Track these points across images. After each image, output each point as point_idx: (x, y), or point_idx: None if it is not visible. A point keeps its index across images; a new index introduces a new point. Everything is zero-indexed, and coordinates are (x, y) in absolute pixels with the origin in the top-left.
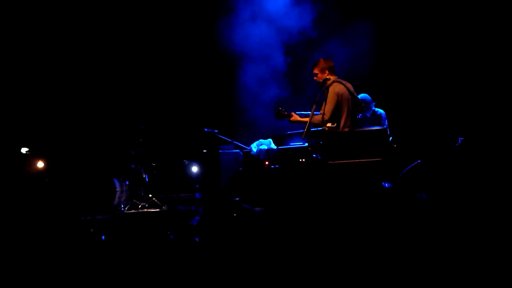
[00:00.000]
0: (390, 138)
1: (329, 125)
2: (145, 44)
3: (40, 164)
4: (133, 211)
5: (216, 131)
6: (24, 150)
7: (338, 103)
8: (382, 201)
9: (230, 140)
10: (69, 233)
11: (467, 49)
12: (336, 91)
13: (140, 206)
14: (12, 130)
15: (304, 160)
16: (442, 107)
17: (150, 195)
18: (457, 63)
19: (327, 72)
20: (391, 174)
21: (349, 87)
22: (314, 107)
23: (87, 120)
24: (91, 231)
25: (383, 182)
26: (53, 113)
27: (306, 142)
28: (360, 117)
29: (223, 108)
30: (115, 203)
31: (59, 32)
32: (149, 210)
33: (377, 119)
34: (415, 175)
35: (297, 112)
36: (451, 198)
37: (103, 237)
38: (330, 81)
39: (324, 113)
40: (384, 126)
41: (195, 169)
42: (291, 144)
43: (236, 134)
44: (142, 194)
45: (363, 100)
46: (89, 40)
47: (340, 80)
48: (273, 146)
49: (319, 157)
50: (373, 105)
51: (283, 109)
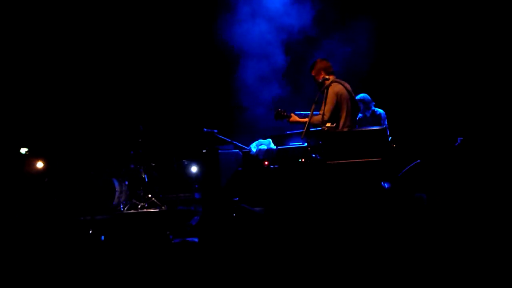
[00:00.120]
0: (390, 138)
1: (328, 125)
2: (144, 43)
3: (40, 164)
4: (132, 211)
5: (216, 131)
6: (23, 150)
7: (337, 103)
8: (381, 201)
9: (229, 140)
10: (68, 233)
11: (465, 49)
12: (335, 91)
13: (139, 206)
14: (11, 131)
15: (303, 160)
16: (441, 107)
17: (150, 195)
18: (456, 63)
19: (322, 73)
20: (390, 174)
21: (348, 87)
22: (313, 107)
23: (86, 120)
24: (90, 232)
25: (382, 182)
26: (52, 113)
27: (305, 142)
28: (360, 117)
29: (222, 108)
30: (114, 203)
31: (58, 32)
32: (148, 210)
33: (376, 119)
34: (414, 175)
35: (296, 112)
36: (450, 198)
37: (102, 237)
38: (329, 81)
39: (324, 113)
40: (384, 126)
41: (194, 169)
42: (291, 144)
43: (236, 134)
44: (142, 194)
45: (362, 99)
46: (88, 41)
47: (338, 80)
48: (272, 146)
49: (318, 157)
50: (372, 105)
51: (282, 110)
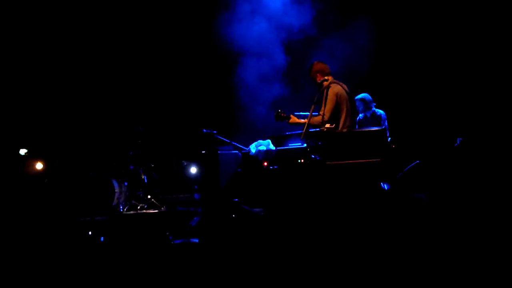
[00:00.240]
0: (389, 138)
1: (327, 125)
2: (143, 44)
3: (39, 166)
4: (132, 212)
5: (215, 132)
6: (23, 151)
7: (337, 103)
8: (380, 202)
9: (228, 141)
10: (67, 234)
11: (465, 49)
12: (335, 91)
13: (139, 207)
14: (11, 132)
15: (302, 160)
16: (440, 107)
17: (149, 196)
18: (455, 63)
19: (318, 76)
20: (389, 174)
21: (345, 88)
22: (312, 107)
23: (85, 121)
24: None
25: (381, 183)
26: (52, 114)
27: (304, 143)
28: (360, 117)
29: (222, 109)
30: (113, 204)
31: (57, 33)
32: (148, 211)
33: (376, 119)
34: (413, 176)
35: (295, 112)
36: (449, 198)
37: (101, 238)
38: (328, 83)
39: (324, 114)
40: (383, 126)
41: (193, 170)
42: (290, 144)
43: (235, 134)
44: (141, 195)
45: (363, 99)
46: (88, 41)
47: (336, 81)
48: (271, 146)
49: (317, 158)
50: (373, 105)
51: (282, 111)
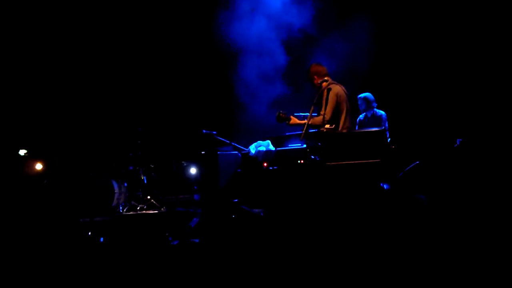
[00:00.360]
0: (389, 139)
1: (327, 126)
2: (142, 43)
3: (39, 166)
4: (131, 212)
5: (215, 132)
6: (22, 152)
7: (337, 103)
8: (380, 202)
9: (228, 142)
10: (67, 235)
11: (465, 49)
12: (335, 92)
13: (138, 208)
14: (10, 132)
15: (302, 161)
16: (440, 108)
17: (149, 197)
18: (455, 64)
19: (316, 78)
20: (389, 175)
21: (344, 89)
22: (312, 108)
23: (85, 122)
24: (89, 233)
25: (381, 183)
26: (51, 115)
27: (304, 144)
28: (361, 118)
29: (221, 109)
30: (113, 204)
31: (56, 33)
32: (147, 211)
33: (377, 120)
34: (413, 176)
35: (295, 113)
36: (449, 199)
37: (101, 239)
38: (327, 84)
39: (325, 114)
40: (383, 127)
41: (193, 170)
42: (290, 145)
43: (235, 135)
44: (141, 195)
45: (365, 98)
46: (87, 41)
47: (334, 82)
48: (271, 147)
49: (317, 159)
50: (375, 105)
51: (283, 112)
